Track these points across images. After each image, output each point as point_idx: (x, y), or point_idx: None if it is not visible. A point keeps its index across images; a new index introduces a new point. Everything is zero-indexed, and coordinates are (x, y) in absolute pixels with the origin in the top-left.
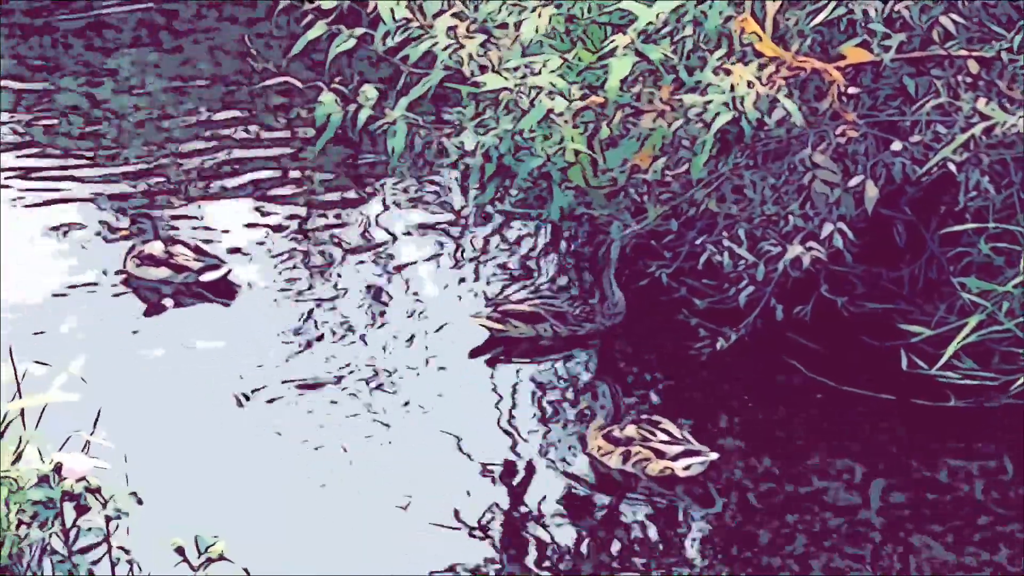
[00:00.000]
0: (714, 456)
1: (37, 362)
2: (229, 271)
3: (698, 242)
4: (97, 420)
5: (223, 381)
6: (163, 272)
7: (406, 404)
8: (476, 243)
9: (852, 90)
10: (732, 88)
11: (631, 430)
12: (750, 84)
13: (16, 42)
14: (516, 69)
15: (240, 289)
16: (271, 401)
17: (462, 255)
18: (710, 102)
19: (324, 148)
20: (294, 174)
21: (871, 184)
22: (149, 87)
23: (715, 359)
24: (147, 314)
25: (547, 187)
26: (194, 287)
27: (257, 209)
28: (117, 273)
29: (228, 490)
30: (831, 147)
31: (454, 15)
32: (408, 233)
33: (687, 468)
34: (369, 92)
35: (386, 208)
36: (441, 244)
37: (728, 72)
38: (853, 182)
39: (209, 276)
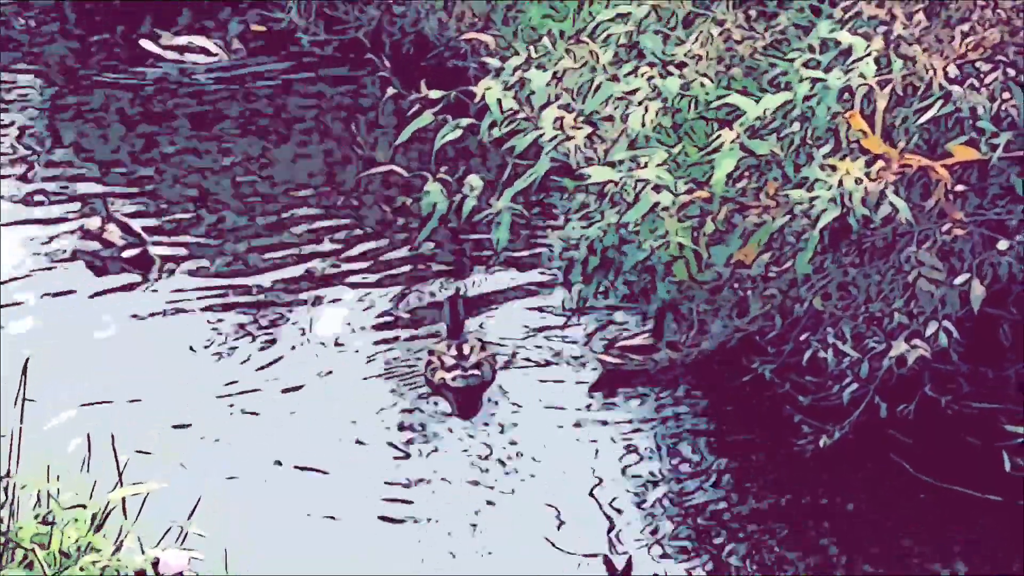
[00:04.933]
0: (477, 375)
1: (139, 451)
2: (146, 248)
3: (803, 338)
4: (194, 510)
5: (313, 447)
6: (95, 245)
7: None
8: (579, 329)
9: (959, 188)
10: (840, 184)
11: (442, 345)
12: (858, 180)
13: (125, 128)
14: (622, 162)
15: (156, 264)
16: (368, 464)
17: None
18: (816, 198)
19: (429, 236)
20: (398, 261)
21: (977, 283)
22: (255, 174)
23: (818, 456)
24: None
25: (650, 281)
26: (118, 261)
27: (362, 297)
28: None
29: None
30: (937, 245)
31: (561, 107)
32: (510, 319)
33: (454, 380)
34: (474, 182)
35: (487, 296)
36: (542, 326)
37: (834, 168)
38: (959, 280)
39: (129, 252)
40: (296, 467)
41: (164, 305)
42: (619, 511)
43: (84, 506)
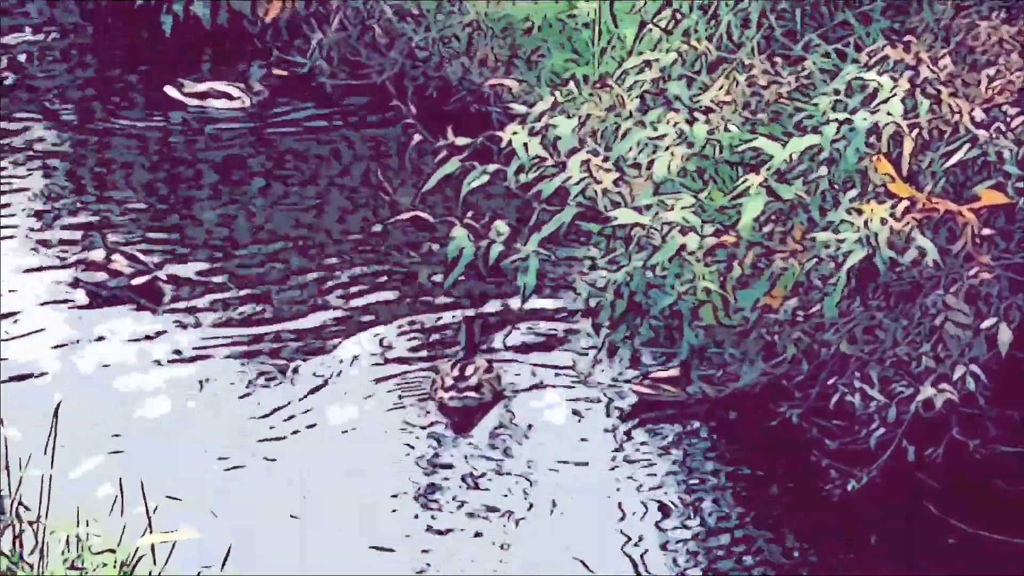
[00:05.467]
0: (474, 396)
1: (169, 497)
2: (156, 276)
3: (830, 383)
4: (226, 559)
5: (337, 493)
6: (102, 276)
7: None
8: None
9: (986, 231)
10: (866, 225)
11: (447, 365)
12: (884, 221)
13: (146, 174)
14: (649, 207)
15: (165, 293)
16: (392, 509)
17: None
18: (843, 240)
19: (455, 282)
20: (425, 306)
21: (1004, 327)
22: (279, 218)
23: (846, 500)
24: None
25: (677, 325)
26: (126, 290)
27: (386, 340)
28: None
29: None
30: (963, 289)
31: (588, 152)
32: (535, 370)
33: (450, 400)
34: (501, 227)
35: (512, 344)
36: (570, 355)
37: (860, 212)
38: (986, 324)
39: (138, 280)
40: (322, 513)
41: (188, 350)
42: (641, 549)
43: (113, 551)
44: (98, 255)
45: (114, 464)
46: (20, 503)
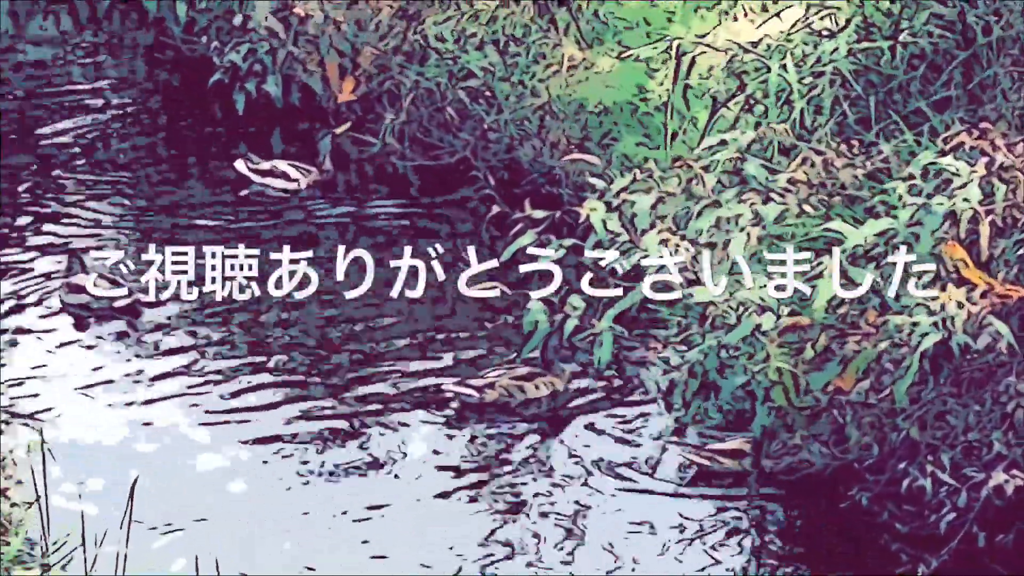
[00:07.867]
0: (469, 394)
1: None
2: (136, 298)
3: (900, 467)
4: None
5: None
6: (84, 298)
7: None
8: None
9: None
10: (942, 308)
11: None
12: (960, 305)
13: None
14: (724, 286)
15: (144, 312)
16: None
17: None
18: (917, 323)
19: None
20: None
21: None
22: (349, 289)
23: None
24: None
25: (750, 405)
26: (108, 311)
27: (460, 411)
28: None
29: None
30: None
31: (663, 230)
32: (605, 442)
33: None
34: (576, 302)
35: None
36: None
37: (935, 296)
38: None
39: (120, 302)
40: None
41: (260, 420)
42: None
43: None
44: (79, 278)
45: (189, 540)
46: None
